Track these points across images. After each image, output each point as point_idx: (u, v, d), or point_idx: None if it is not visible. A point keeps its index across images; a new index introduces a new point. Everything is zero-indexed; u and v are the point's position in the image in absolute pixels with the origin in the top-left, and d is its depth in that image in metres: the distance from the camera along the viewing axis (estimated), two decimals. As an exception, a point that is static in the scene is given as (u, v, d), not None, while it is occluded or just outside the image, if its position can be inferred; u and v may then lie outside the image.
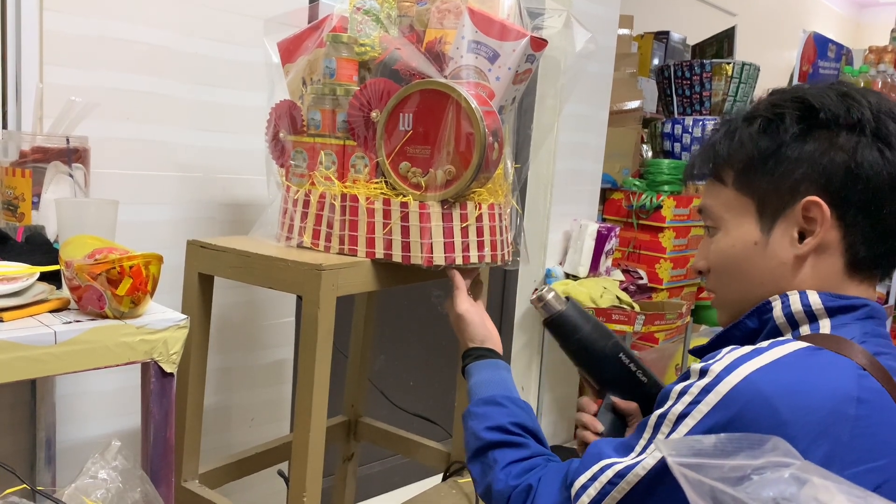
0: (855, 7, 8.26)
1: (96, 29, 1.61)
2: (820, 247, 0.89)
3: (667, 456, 0.49)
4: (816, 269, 0.91)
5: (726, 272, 0.98)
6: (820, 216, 0.88)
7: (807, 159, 0.88)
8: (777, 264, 0.92)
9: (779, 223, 0.91)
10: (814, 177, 0.88)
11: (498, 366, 1.20)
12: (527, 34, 1.34)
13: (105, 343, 1.13)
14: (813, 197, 0.88)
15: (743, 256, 0.95)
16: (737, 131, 0.95)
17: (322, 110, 1.41)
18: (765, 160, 0.91)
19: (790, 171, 0.89)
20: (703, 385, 0.80)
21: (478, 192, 1.37)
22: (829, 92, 0.90)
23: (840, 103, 0.88)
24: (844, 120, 0.88)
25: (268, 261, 1.37)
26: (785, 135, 0.90)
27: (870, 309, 0.89)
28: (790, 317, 0.90)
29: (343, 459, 2.09)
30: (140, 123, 1.71)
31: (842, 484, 0.47)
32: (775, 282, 0.92)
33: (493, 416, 1.07)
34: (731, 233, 0.96)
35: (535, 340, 3.11)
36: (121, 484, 1.12)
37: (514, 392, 1.14)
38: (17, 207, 1.36)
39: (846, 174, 0.87)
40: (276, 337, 2.08)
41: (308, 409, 1.32)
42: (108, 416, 1.76)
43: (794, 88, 0.94)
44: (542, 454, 1.03)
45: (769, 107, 0.93)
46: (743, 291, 0.96)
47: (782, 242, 0.91)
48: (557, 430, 3.30)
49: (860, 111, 0.87)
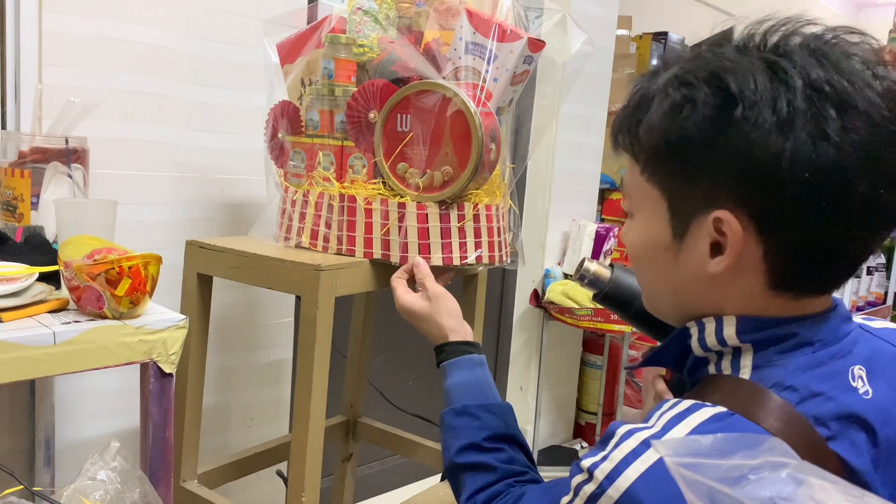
0: (853, 8, 8.26)
1: (95, 29, 1.61)
2: (736, 266, 0.72)
3: (664, 455, 0.49)
4: (738, 286, 0.74)
5: (639, 268, 0.85)
6: (731, 234, 0.71)
7: (720, 162, 0.70)
8: (691, 276, 0.77)
9: (691, 231, 0.75)
10: (729, 184, 0.70)
11: (472, 363, 1.11)
12: (524, 35, 1.34)
13: (104, 343, 1.13)
14: (722, 212, 0.71)
15: (654, 259, 0.81)
16: (652, 100, 0.75)
17: (320, 111, 1.41)
18: (672, 154, 0.74)
19: (700, 174, 0.72)
20: (590, 493, 0.69)
21: (475, 192, 1.37)
22: (757, 65, 0.69)
23: (768, 88, 0.68)
24: (770, 114, 0.67)
25: (266, 261, 1.37)
26: (693, 127, 0.71)
27: (800, 338, 0.73)
28: (709, 349, 0.76)
29: (342, 459, 2.09)
30: (139, 124, 1.71)
31: (839, 484, 0.48)
32: (694, 292, 0.78)
33: (465, 431, 1.00)
34: (642, 227, 0.81)
35: (533, 340, 3.11)
36: (119, 485, 1.12)
37: (489, 395, 1.06)
38: (16, 208, 1.37)
39: (770, 182, 0.68)
40: (274, 337, 2.08)
41: (307, 410, 1.32)
42: (107, 416, 1.76)
43: (714, 54, 0.73)
44: (510, 475, 0.95)
45: (678, 81, 0.73)
46: (661, 292, 0.83)
47: (694, 254, 0.75)
48: (556, 429, 3.30)
49: (791, 100, 0.67)
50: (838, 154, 0.66)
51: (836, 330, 0.75)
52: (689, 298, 0.79)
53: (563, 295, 2.88)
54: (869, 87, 0.67)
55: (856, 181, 0.67)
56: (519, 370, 3.12)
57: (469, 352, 1.13)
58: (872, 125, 0.67)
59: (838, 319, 0.76)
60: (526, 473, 0.96)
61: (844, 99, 0.67)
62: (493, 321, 3.05)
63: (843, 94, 0.67)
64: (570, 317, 2.85)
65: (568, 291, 2.89)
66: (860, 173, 0.67)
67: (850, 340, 0.76)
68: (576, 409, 3.42)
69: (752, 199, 0.70)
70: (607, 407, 3.34)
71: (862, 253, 0.73)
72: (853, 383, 0.72)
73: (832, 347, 0.74)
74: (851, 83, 0.67)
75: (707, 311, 0.77)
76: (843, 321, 0.77)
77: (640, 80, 0.78)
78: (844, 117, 0.66)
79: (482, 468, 0.96)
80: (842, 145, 0.66)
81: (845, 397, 0.71)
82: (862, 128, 0.66)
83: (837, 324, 0.76)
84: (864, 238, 0.72)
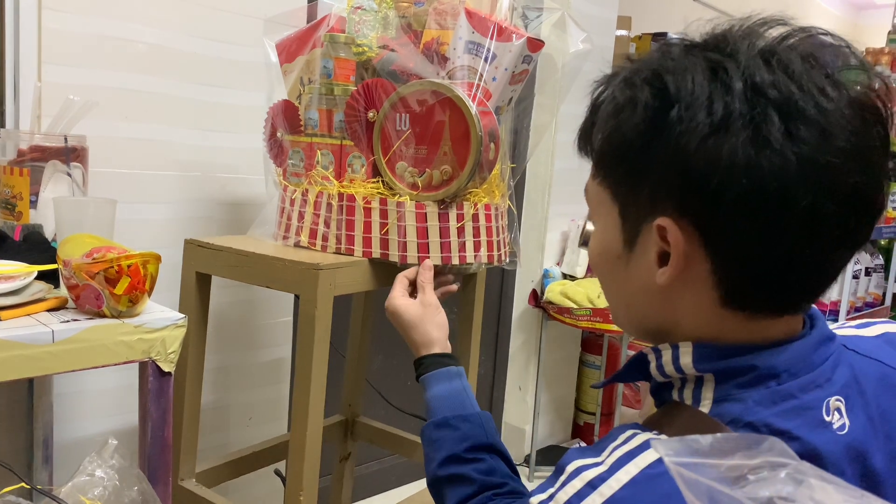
0: (852, 9, 8.27)
1: (95, 28, 1.61)
2: (684, 277, 0.67)
3: (663, 455, 0.49)
4: (689, 300, 0.69)
5: (598, 278, 0.80)
6: (673, 243, 0.66)
7: (659, 166, 0.65)
8: (641, 287, 0.72)
9: (640, 239, 0.70)
10: (670, 190, 0.65)
11: (450, 374, 1.11)
12: (524, 35, 1.34)
13: (103, 342, 1.13)
14: (664, 219, 0.66)
15: (607, 269, 0.77)
16: (601, 105, 0.72)
17: (319, 110, 1.41)
18: (617, 158, 0.70)
19: (643, 179, 0.67)
20: None
21: (474, 192, 1.37)
22: (699, 65, 0.64)
23: (705, 88, 0.63)
24: (705, 115, 0.62)
25: (265, 260, 1.37)
26: (632, 129, 0.67)
27: (761, 371, 0.66)
28: (668, 376, 0.72)
29: (340, 459, 2.09)
30: (138, 122, 1.71)
31: (839, 485, 0.48)
32: (646, 305, 0.73)
33: (445, 443, 1.00)
34: (599, 234, 0.77)
35: (532, 340, 3.11)
36: (118, 482, 1.12)
37: (467, 405, 1.06)
38: (15, 206, 1.36)
39: (708, 189, 0.62)
40: (273, 336, 2.08)
41: (305, 409, 1.32)
42: (105, 414, 1.76)
43: (661, 54, 0.69)
44: (489, 487, 0.94)
45: (624, 83, 0.69)
46: (617, 304, 0.79)
47: (642, 264, 0.70)
48: (555, 429, 3.31)
49: (727, 103, 0.62)
50: (780, 162, 0.60)
51: (807, 357, 0.68)
52: (642, 311, 0.74)
53: (561, 295, 2.88)
54: (824, 95, 0.61)
55: (798, 193, 0.61)
56: (518, 370, 3.12)
57: (447, 364, 1.13)
58: (823, 135, 0.61)
59: (812, 344, 0.69)
60: (505, 485, 0.95)
61: (792, 105, 0.61)
62: (492, 321, 3.05)
63: (791, 100, 0.61)
64: (568, 317, 2.85)
65: (567, 291, 2.89)
66: (804, 185, 0.61)
67: (828, 367, 0.69)
68: (574, 410, 3.42)
69: (692, 207, 0.64)
70: (606, 407, 3.34)
71: (815, 274, 0.67)
72: (827, 418, 0.67)
73: (803, 378, 0.67)
74: (801, 89, 0.61)
75: (662, 326, 0.73)
76: (818, 345, 0.70)
77: (598, 82, 0.74)
78: (789, 124, 0.60)
79: (462, 480, 0.96)
80: (784, 153, 0.60)
81: (813, 435, 0.65)
82: (810, 137, 0.60)
83: (809, 350, 0.69)
84: (814, 257, 0.65)
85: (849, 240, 0.65)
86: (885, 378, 0.73)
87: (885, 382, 0.73)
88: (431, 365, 1.13)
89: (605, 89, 0.72)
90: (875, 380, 0.72)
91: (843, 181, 0.61)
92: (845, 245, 0.66)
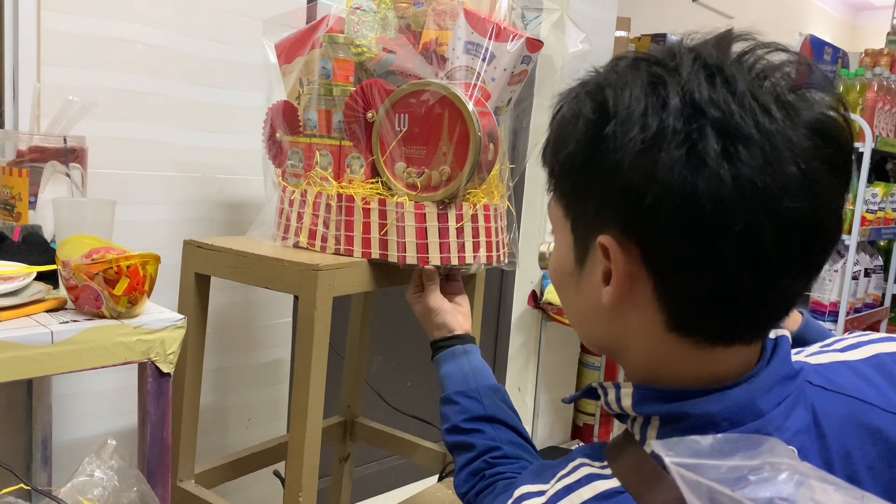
0: (851, 10, 8.27)
1: (94, 29, 1.61)
2: (629, 298, 0.65)
3: (664, 456, 0.49)
4: (636, 323, 0.67)
5: (558, 294, 0.78)
6: (613, 262, 0.64)
7: (599, 182, 0.64)
8: (590, 307, 0.70)
9: (589, 257, 0.68)
10: (611, 207, 0.63)
11: (454, 354, 1.22)
12: (523, 35, 1.34)
13: (102, 343, 1.13)
14: (605, 237, 0.64)
15: (563, 286, 0.75)
16: (555, 116, 0.71)
17: (318, 111, 1.41)
18: (564, 172, 0.69)
19: (588, 194, 0.66)
20: None
21: (473, 192, 1.37)
22: (639, 79, 0.63)
23: (641, 103, 0.61)
24: (639, 131, 0.60)
25: (264, 261, 1.37)
26: (574, 143, 0.65)
27: (697, 419, 0.64)
28: (616, 412, 0.71)
29: (339, 460, 2.09)
30: (138, 123, 1.71)
31: (839, 486, 0.48)
32: (595, 324, 0.72)
33: (449, 416, 1.13)
34: (556, 250, 0.75)
35: (531, 341, 3.11)
36: (117, 483, 1.12)
37: (470, 381, 1.16)
38: (13, 207, 1.36)
39: (643, 207, 0.60)
40: (272, 337, 2.08)
41: (304, 410, 1.32)
42: (104, 415, 1.75)
43: (609, 67, 0.68)
44: (486, 451, 1.06)
45: (573, 96, 0.68)
46: (573, 321, 0.77)
47: (591, 282, 0.68)
48: (554, 431, 3.31)
49: (662, 118, 0.59)
50: (716, 182, 0.57)
51: (753, 403, 0.64)
52: (594, 331, 0.73)
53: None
54: (768, 115, 0.59)
55: (735, 215, 0.58)
56: (517, 371, 3.12)
57: (453, 344, 1.24)
58: (764, 158, 0.58)
59: (762, 386, 0.65)
60: (499, 448, 1.06)
61: (731, 124, 0.58)
62: (492, 322, 3.05)
63: (730, 119, 0.58)
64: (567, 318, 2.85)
65: (566, 292, 2.89)
66: (741, 208, 0.58)
67: (781, 412, 0.65)
68: (574, 410, 3.42)
69: (631, 225, 0.62)
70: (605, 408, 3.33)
71: (760, 301, 0.63)
72: None
73: (748, 426, 0.63)
74: (743, 107, 0.59)
75: (615, 347, 0.71)
76: (771, 386, 0.65)
77: (560, 95, 0.72)
78: (727, 144, 0.58)
79: (464, 447, 1.09)
80: (720, 173, 0.57)
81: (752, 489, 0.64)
82: (749, 159, 0.58)
83: (758, 393, 0.65)
84: (757, 284, 0.61)
85: (795, 267, 0.62)
86: (854, 416, 0.68)
87: (852, 421, 0.68)
88: (442, 346, 1.25)
89: (564, 102, 0.70)
90: (841, 419, 0.68)
91: (785, 206, 0.58)
92: (791, 272, 0.62)
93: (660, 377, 0.68)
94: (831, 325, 3.55)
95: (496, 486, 1.00)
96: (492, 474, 1.03)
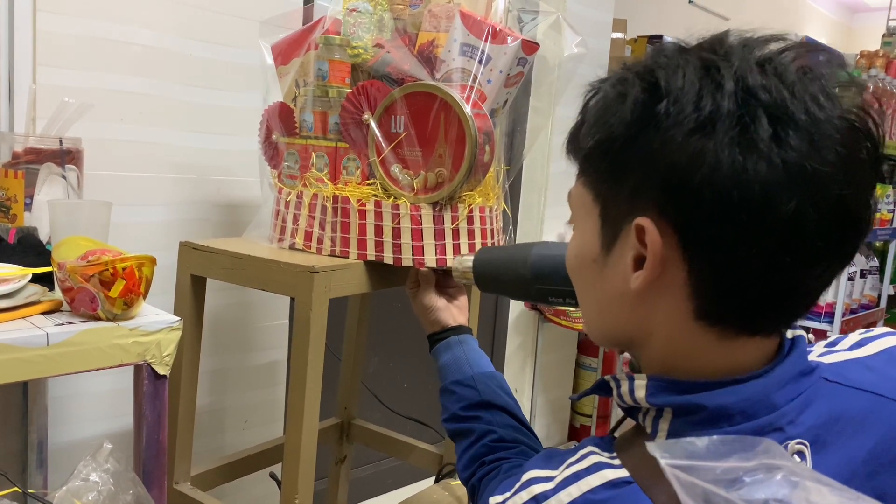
0: (846, 12, 8.29)
1: (90, 30, 1.61)
2: (659, 284, 0.65)
3: (659, 458, 0.49)
4: (662, 309, 0.67)
5: (574, 283, 0.78)
6: (650, 245, 0.64)
7: (642, 162, 0.64)
8: (615, 294, 0.70)
9: (619, 241, 0.68)
10: (652, 188, 0.63)
11: (450, 345, 1.24)
12: (518, 37, 1.34)
13: (98, 345, 1.13)
14: (643, 219, 0.63)
15: (582, 274, 0.75)
16: (590, 101, 0.71)
17: (314, 112, 1.41)
18: (601, 153, 0.68)
19: (626, 175, 0.66)
20: None
21: (469, 194, 1.37)
22: (692, 62, 0.64)
23: (695, 84, 0.62)
24: (693, 110, 0.61)
25: (260, 262, 1.37)
26: (619, 123, 0.65)
27: (711, 412, 0.64)
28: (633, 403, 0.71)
29: (336, 462, 2.08)
30: (134, 125, 1.71)
31: (834, 487, 0.48)
32: (617, 313, 0.71)
33: (447, 405, 1.16)
34: (578, 237, 0.75)
35: (528, 343, 3.11)
36: (112, 486, 1.11)
37: (465, 370, 1.18)
38: (9, 209, 1.36)
39: (688, 188, 0.61)
40: (269, 339, 2.08)
41: (300, 412, 1.32)
42: (100, 418, 1.75)
43: (654, 53, 0.68)
44: (486, 434, 1.08)
45: (617, 79, 0.68)
46: (590, 312, 0.77)
47: (618, 268, 0.68)
48: (551, 432, 3.31)
49: (716, 100, 0.60)
50: (765, 165, 0.59)
51: (768, 397, 0.65)
52: (615, 319, 0.72)
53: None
54: (816, 104, 0.61)
55: (782, 199, 0.59)
56: (514, 373, 3.12)
57: (446, 336, 1.26)
58: (812, 144, 0.59)
59: (777, 381, 0.66)
60: (497, 433, 1.08)
61: (782, 109, 0.60)
62: (489, 324, 3.05)
63: (782, 105, 0.60)
64: (565, 319, 2.86)
65: (562, 294, 2.89)
66: (788, 191, 0.59)
67: (795, 407, 0.66)
68: (571, 412, 3.42)
69: (673, 207, 0.62)
70: (602, 409, 3.34)
71: (792, 290, 0.64)
72: None
73: (761, 419, 0.64)
74: (794, 95, 0.60)
75: (634, 336, 0.71)
76: (786, 382, 0.66)
77: (591, 84, 0.72)
78: (778, 128, 0.59)
79: (463, 433, 1.12)
80: (770, 157, 0.59)
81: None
82: (798, 144, 0.59)
83: (773, 388, 0.65)
84: (796, 272, 0.62)
85: (830, 254, 0.63)
86: (874, 411, 0.69)
87: (872, 416, 0.68)
88: (438, 339, 1.27)
89: (598, 90, 0.71)
90: (860, 413, 0.68)
91: (829, 191, 0.60)
92: (826, 259, 0.63)
93: (677, 368, 0.68)
94: (827, 326, 3.55)
95: (500, 469, 1.02)
96: (492, 459, 1.05)
